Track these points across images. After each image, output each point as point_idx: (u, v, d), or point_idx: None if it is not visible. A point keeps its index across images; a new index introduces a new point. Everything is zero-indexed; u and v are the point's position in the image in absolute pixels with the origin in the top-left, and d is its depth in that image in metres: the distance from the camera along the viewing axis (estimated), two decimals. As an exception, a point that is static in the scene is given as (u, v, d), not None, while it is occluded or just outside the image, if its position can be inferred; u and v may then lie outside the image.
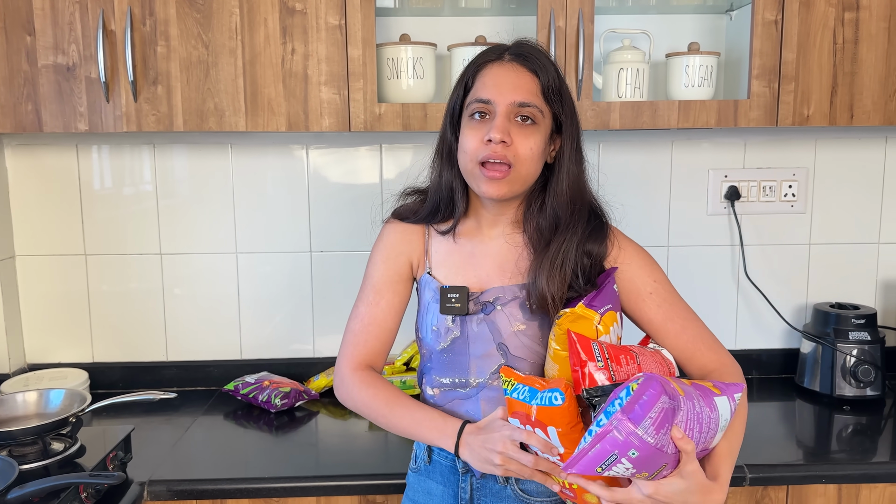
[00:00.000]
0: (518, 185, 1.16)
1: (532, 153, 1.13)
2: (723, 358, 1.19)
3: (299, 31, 1.58)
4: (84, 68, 1.60)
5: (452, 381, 1.22)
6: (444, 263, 1.24)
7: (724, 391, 1.01)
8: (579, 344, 1.06)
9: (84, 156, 1.92)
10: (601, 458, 0.92)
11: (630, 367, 1.06)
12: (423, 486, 1.28)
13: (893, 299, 2.03)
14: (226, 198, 1.95)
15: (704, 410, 0.96)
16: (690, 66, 1.69)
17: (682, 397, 0.94)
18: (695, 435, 0.95)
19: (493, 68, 1.15)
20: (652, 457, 0.92)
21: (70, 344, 1.98)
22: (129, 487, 1.41)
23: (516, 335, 1.18)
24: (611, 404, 0.95)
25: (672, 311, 1.20)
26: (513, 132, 1.12)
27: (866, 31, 1.63)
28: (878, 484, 1.49)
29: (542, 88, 1.13)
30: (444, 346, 1.22)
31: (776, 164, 1.98)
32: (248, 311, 1.98)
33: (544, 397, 1.04)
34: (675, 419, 0.93)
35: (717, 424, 0.99)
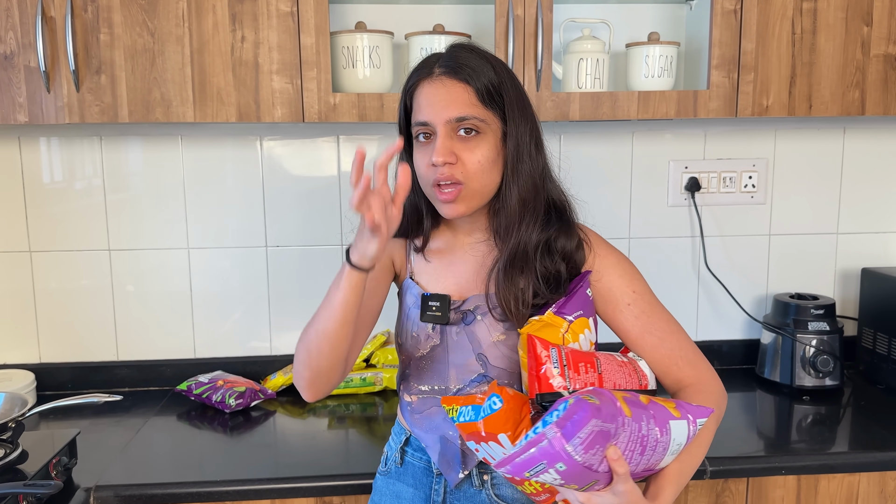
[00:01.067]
0: (475, 200, 1.12)
1: (481, 165, 1.09)
2: (701, 374, 1.15)
3: (249, 18, 1.53)
4: (23, 57, 1.52)
5: (431, 388, 1.19)
6: (425, 270, 1.22)
7: (686, 415, 0.99)
8: (538, 348, 1.04)
9: (27, 149, 1.84)
10: (530, 465, 0.92)
11: (589, 376, 1.03)
12: (391, 489, 1.25)
13: (852, 289, 2.05)
14: (177, 191, 1.88)
15: (652, 433, 0.95)
16: (650, 56, 1.68)
17: (628, 419, 0.92)
18: (635, 457, 0.94)
19: (424, 87, 1.11)
20: (579, 473, 0.92)
21: (15, 344, 1.91)
22: (74, 493, 1.35)
23: (495, 345, 1.15)
24: (549, 414, 0.93)
25: (650, 322, 1.15)
26: (457, 149, 1.08)
27: (824, 20, 1.63)
28: (837, 474, 1.50)
29: (479, 95, 1.08)
30: (423, 353, 1.19)
31: (736, 155, 1.97)
32: (201, 308, 1.93)
33: (485, 408, 1.01)
34: (613, 441, 0.91)
35: (665, 448, 0.97)
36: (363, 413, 1.75)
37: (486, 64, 1.10)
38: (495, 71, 1.10)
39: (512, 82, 1.12)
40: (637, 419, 0.94)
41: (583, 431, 0.88)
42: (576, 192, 1.93)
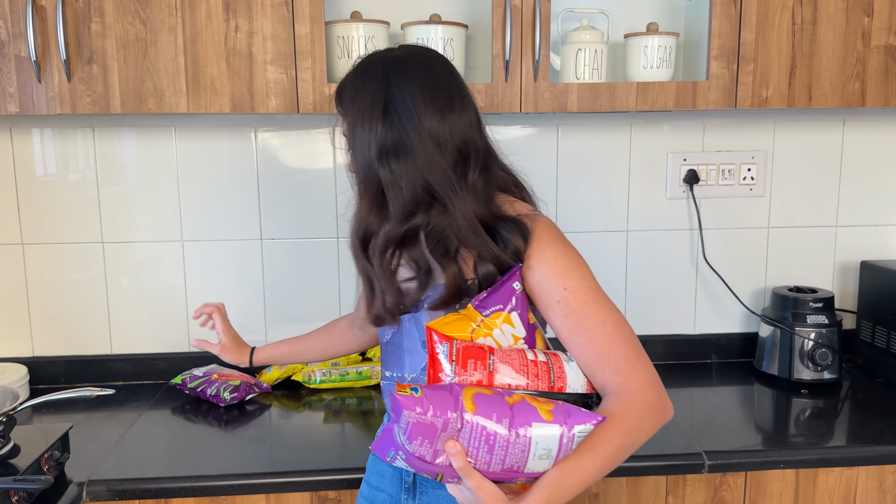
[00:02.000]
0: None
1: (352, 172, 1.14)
2: (627, 381, 1.04)
3: (243, 8, 1.51)
4: (13, 46, 1.50)
5: (392, 375, 1.21)
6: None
7: (562, 420, 0.95)
8: (436, 341, 1.02)
9: (19, 140, 1.82)
10: (387, 450, 0.97)
11: (475, 375, 1.00)
12: (378, 467, 1.29)
13: (850, 282, 2.04)
14: (170, 183, 1.87)
15: (501, 434, 0.93)
16: (649, 46, 1.66)
17: (468, 415, 0.92)
18: (481, 454, 0.93)
19: None
20: (418, 463, 0.95)
21: (8, 337, 1.89)
22: (66, 488, 1.34)
23: None
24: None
25: (579, 322, 1.05)
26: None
27: (825, 11, 1.61)
28: (835, 468, 1.49)
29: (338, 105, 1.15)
30: (387, 340, 1.22)
31: (735, 147, 1.96)
32: (196, 301, 1.91)
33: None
34: (446, 435, 0.92)
35: (524, 451, 0.94)
36: (359, 407, 1.74)
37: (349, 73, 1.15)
38: (348, 78, 1.14)
39: (356, 89, 1.11)
40: (483, 414, 0.93)
41: (402, 422, 0.92)
42: (573, 184, 1.93)
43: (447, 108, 1.06)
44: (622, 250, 1.98)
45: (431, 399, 0.92)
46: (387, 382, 1.23)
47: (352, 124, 1.09)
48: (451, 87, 1.09)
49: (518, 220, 1.08)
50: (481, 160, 1.09)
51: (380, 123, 1.06)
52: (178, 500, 1.39)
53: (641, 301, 2.01)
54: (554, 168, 1.93)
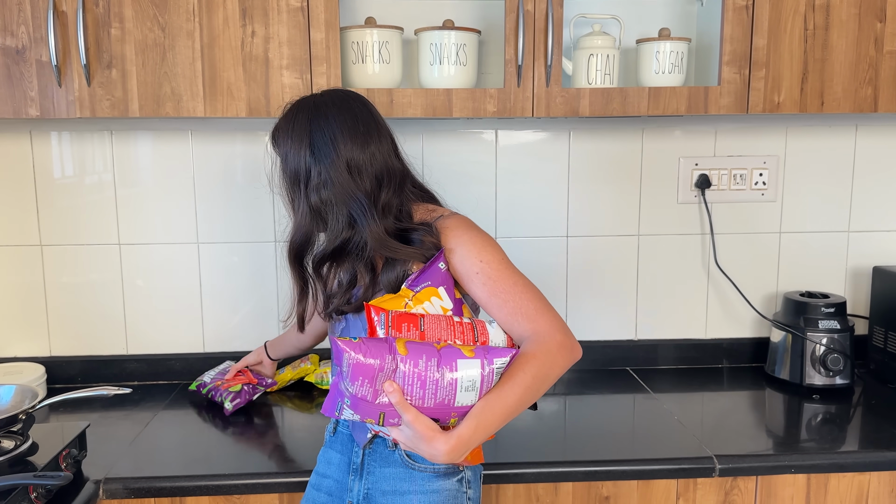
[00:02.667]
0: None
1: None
2: (538, 326, 1.21)
3: (259, 13, 1.53)
4: (34, 51, 1.53)
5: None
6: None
7: (482, 356, 1.10)
8: (370, 313, 1.16)
9: (38, 143, 1.85)
10: (333, 405, 1.10)
11: (410, 334, 1.14)
12: (326, 456, 1.37)
13: (863, 288, 2.03)
14: (186, 186, 1.89)
15: (431, 370, 1.07)
16: (661, 52, 1.67)
17: (401, 356, 1.06)
18: (416, 391, 1.07)
19: None
20: (362, 405, 1.08)
21: (26, 337, 1.92)
22: (83, 486, 1.36)
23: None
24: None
25: (496, 286, 1.23)
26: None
27: (837, 17, 1.61)
28: (847, 473, 1.49)
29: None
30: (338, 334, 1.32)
31: (747, 152, 1.96)
32: (210, 302, 1.93)
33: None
34: (383, 375, 1.06)
35: (453, 384, 1.07)
36: (371, 408, 1.75)
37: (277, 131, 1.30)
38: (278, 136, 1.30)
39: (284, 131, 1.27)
40: (413, 357, 1.07)
41: (344, 365, 1.05)
42: (585, 188, 1.94)
43: (366, 140, 1.24)
44: (633, 254, 1.99)
45: (368, 344, 1.07)
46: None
47: (283, 162, 1.27)
48: (369, 123, 1.26)
49: (426, 223, 1.26)
50: (395, 183, 1.26)
51: (305, 160, 1.24)
52: (193, 499, 1.41)
53: (652, 305, 2.01)
54: (566, 172, 1.95)
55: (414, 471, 1.25)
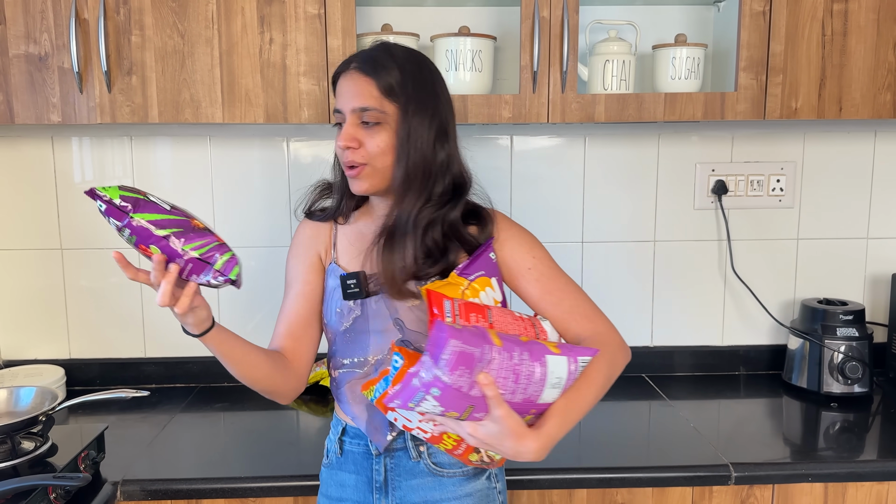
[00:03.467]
0: (376, 178, 1.22)
1: (380, 149, 1.20)
2: (597, 327, 1.23)
3: (277, 21, 1.55)
4: (57, 58, 1.55)
5: (352, 362, 1.27)
6: (347, 251, 1.31)
7: (567, 353, 1.05)
8: (433, 301, 1.11)
9: (59, 148, 1.88)
10: (411, 395, 1.00)
11: (480, 325, 1.09)
12: (335, 478, 1.31)
13: (882, 295, 2.02)
14: (205, 191, 1.91)
15: (525, 364, 1.01)
16: (677, 58, 1.67)
17: (497, 347, 0.99)
18: (508, 384, 1.01)
19: (341, 80, 1.24)
20: (453, 397, 0.99)
21: (46, 340, 1.95)
22: (101, 487, 1.38)
23: (411, 310, 1.23)
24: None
25: (550, 284, 1.25)
26: (360, 135, 1.20)
27: (855, 22, 1.61)
28: (865, 482, 1.48)
29: (380, 90, 1.19)
30: (346, 327, 1.27)
31: (764, 158, 1.95)
32: (227, 306, 1.95)
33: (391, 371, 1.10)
34: (480, 366, 0.98)
35: (542, 380, 1.03)
36: (386, 413, 1.76)
37: (393, 63, 1.21)
38: (399, 69, 1.20)
39: (415, 79, 1.21)
40: (508, 350, 1.00)
41: (445, 352, 0.96)
42: (601, 194, 1.94)
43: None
44: (650, 260, 1.99)
45: (466, 332, 1.00)
46: (345, 371, 1.28)
47: (408, 110, 1.20)
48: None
49: (483, 207, 1.28)
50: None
51: (447, 114, 1.24)
52: (209, 501, 1.42)
53: (669, 312, 2.01)
54: (581, 178, 1.94)
55: (443, 478, 1.25)
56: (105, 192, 1.06)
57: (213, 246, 1.07)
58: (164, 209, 1.07)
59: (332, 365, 1.32)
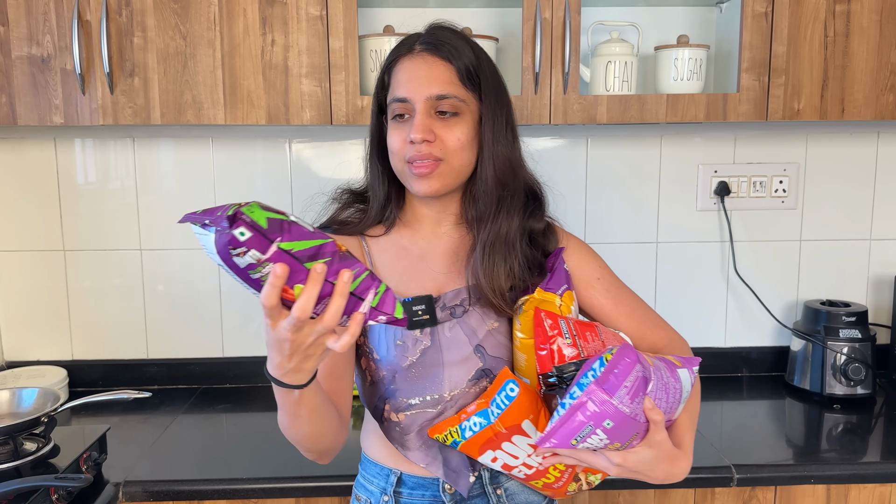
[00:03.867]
0: (451, 178, 1.09)
1: (460, 143, 1.07)
2: (671, 335, 1.20)
3: (279, 22, 1.55)
4: (59, 60, 1.56)
5: (423, 400, 1.10)
6: (392, 272, 1.14)
7: (685, 364, 1.02)
8: (548, 321, 1.03)
9: (62, 149, 1.88)
10: (576, 431, 0.91)
11: (595, 344, 1.04)
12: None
13: (885, 296, 2.01)
14: (207, 192, 1.91)
15: (670, 381, 0.96)
16: (679, 59, 1.67)
17: (652, 368, 0.94)
18: (663, 405, 0.94)
19: (405, 63, 1.09)
20: (625, 426, 0.91)
21: (49, 341, 1.95)
22: (103, 488, 1.38)
23: (491, 334, 1.11)
24: (584, 376, 0.93)
25: (620, 294, 1.19)
26: (435, 127, 1.06)
27: (858, 23, 1.60)
28: (868, 484, 1.47)
29: (459, 75, 1.07)
30: (412, 361, 1.10)
31: (767, 159, 1.95)
32: (230, 307, 1.95)
33: (499, 402, 1.01)
34: (647, 389, 0.92)
35: (680, 395, 0.98)
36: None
37: (466, 46, 1.09)
38: (474, 53, 1.09)
39: (489, 66, 1.11)
40: (657, 368, 0.95)
41: (628, 380, 0.89)
42: (603, 195, 1.94)
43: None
44: (652, 262, 1.98)
45: (638, 354, 0.94)
46: (415, 412, 1.10)
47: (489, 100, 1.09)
48: None
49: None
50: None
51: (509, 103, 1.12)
52: (211, 502, 1.42)
53: (671, 313, 1.99)
54: (583, 179, 1.94)
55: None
56: (250, 213, 0.76)
57: (364, 277, 0.83)
58: (308, 231, 0.80)
59: (389, 408, 1.11)
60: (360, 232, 1.17)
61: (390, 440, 1.12)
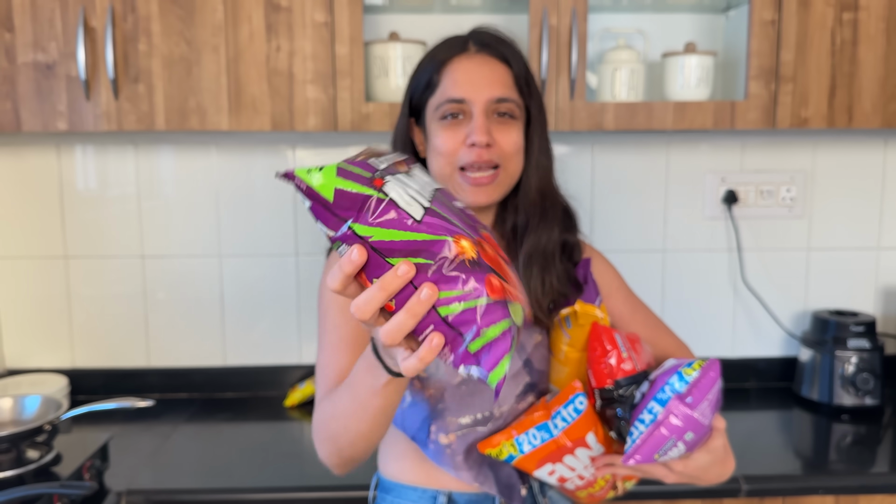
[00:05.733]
0: (507, 186, 1.07)
1: (517, 148, 1.05)
2: (678, 342, 1.23)
3: (284, 28, 1.54)
4: (64, 66, 1.55)
5: (474, 419, 1.07)
6: None
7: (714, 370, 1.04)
8: (605, 336, 1.04)
9: (65, 156, 1.88)
10: (660, 445, 0.93)
11: (644, 356, 1.06)
12: None
13: (893, 306, 1.99)
14: (209, 199, 1.90)
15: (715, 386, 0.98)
16: (687, 66, 1.66)
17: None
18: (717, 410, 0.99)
19: (461, 62, 1.04)
20: (701, 437, 0.95)
21: (50, 349, 1.94)
22: (106, 497, 1.36)
23: (537, 348, 1.10)
24: (660, 391, 0.96)
25: (635, 303, 1.23)
26: (493, 129, 1.03)
27: (865, 31, 1.59)
28: (877, 495, 1.45)
29: (516, 79, 1.05)
30: (462, 378, 1.06)
31: (774, 167, 1.94)
32: (231, 315, 1.94)
33: (565, 416, 1.01)
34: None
35: (720, 399, 1.00)
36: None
37: (518, 52, 1.08)
38: (525, 61, 1.09)
39: (534, 77, 1.11)
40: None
41: (711, 393, 0.94)
42: (609, 203, 1.93)
43: None
44: (659, 270, 1.97)
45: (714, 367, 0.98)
46: (465, 431, 1.06)
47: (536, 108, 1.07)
48: None
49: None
50: None
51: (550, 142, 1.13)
52: (213, 513, 1.41)
53: (678, 322, 1.98)
54: (589, 186, 1.93)
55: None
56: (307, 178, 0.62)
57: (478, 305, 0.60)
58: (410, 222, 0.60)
59: (437, 429, 1.06)
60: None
61: (438, 463, 1.07)
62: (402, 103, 1.14)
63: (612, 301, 1.19)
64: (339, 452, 0.97)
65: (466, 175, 1.04)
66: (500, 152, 1.03)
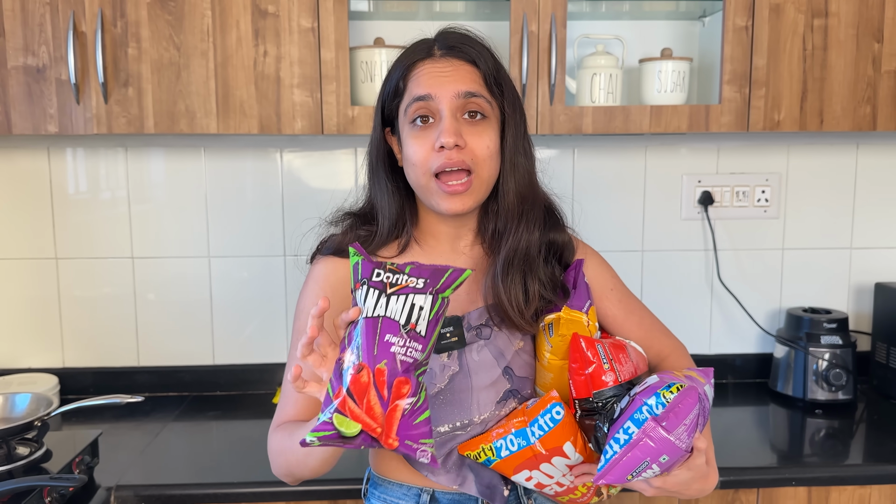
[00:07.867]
0: (482, 192, 1.04)
1: (490, 151, 1.01)
2: (674, 342, 1.22)
3: (272, 34, 1.58)
4: (54, 70, 1.58)
5: (453, 426, 1.07)
6: None
7: (707, 378, 1.01)
8: (586, 347, 1.01)
9: (55, 158, 1.90)
10: (633, 466, 0.92)
11: (627, 366, 1.04)
12: None
13: (865, 304, 2.05)
14: (198, 201, 1.93)
15: (707, 404, 0.97)
16: (663, 71, 1.71)
17: (706, 399, 0.95)
18: (701, 427, 0.95)
19: (426, 66, 1.02)
20: (679, 459, 0.93)
21: (40, 349, 1.96)
22: (95, 492, 1.39)
23: (518, 354, 1.09)
24: (637, 411, 0.93)
25: (630, 304, 1.20)
26: (464, 132, 1.00)
27: (835, 37, 1.65)
28: (848, 486, 1.50)
29: (485, 79, 1.02)
30: (441, 387, 1.06)
31: (749, 169, 1.99)
32: (220, 316, 1.97)
33: (542, 424, 1.00)
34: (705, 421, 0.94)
35: (707, 412, 0.98)
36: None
37: (487, 50, 1.05)
38: (495, 59, 1.05)
39: (507, 74, 1.07)
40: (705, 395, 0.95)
41: (688, 419, 0.90)
42: (589, 205, 1.97)
43: None
44: (637, 270, 2.02)
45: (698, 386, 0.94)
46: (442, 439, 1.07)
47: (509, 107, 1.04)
48: None
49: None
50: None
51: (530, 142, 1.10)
52: (202, 507, 1.44)
53: (656, 320, 2.03)
54: (570, 189, 1.98)
55: None
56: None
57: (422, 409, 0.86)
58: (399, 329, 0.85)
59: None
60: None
61: (416, 467, 1.08)
62: (374, 114, 1.11)
63: (604, 303, 1.15)
64: (291, 476, 1.09)
65: (441, 183, 1.02)
66: (472, 156, 1.01)
